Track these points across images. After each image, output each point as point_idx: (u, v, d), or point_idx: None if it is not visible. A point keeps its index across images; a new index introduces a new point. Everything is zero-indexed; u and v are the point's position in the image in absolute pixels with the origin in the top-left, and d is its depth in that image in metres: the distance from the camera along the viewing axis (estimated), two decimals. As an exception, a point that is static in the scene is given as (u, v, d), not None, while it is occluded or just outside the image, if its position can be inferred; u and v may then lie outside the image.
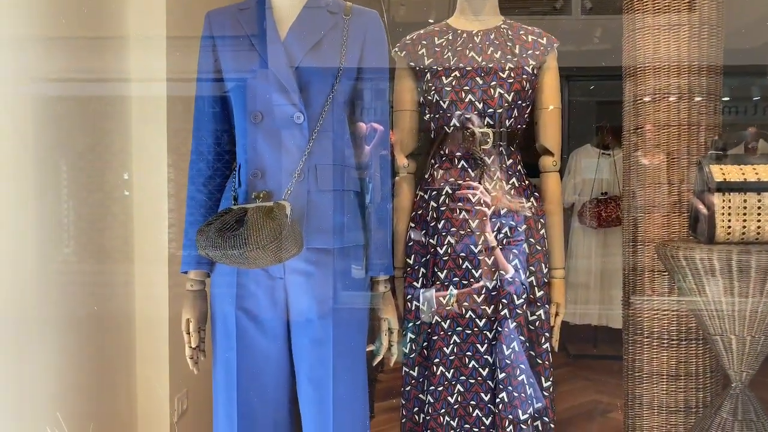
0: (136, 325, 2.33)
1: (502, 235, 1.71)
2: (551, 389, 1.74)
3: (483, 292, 1.72)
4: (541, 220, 1.75)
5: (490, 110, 1.68)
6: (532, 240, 1.72)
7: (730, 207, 1.38)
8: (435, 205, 1.74)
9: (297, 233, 1.40)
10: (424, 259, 1.76)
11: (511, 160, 1.74)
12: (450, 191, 1.73)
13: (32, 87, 1.72)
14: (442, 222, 1.73)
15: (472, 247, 1.71)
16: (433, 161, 1.79)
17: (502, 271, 1.70)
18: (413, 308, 1.76)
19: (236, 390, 1.51)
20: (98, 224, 2.10)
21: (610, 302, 4.90)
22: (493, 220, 1.71)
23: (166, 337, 2.33)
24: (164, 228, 2.33)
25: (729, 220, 1.38)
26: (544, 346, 1.73)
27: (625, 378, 1.83)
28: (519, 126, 1.74)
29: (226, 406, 1.53)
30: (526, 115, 1.75)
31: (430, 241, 1.75)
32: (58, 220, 1.87)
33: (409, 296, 1.77)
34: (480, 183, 1.71)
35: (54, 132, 1.79)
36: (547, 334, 1.73)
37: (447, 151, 1.75)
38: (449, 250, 1.72)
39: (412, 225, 1.79)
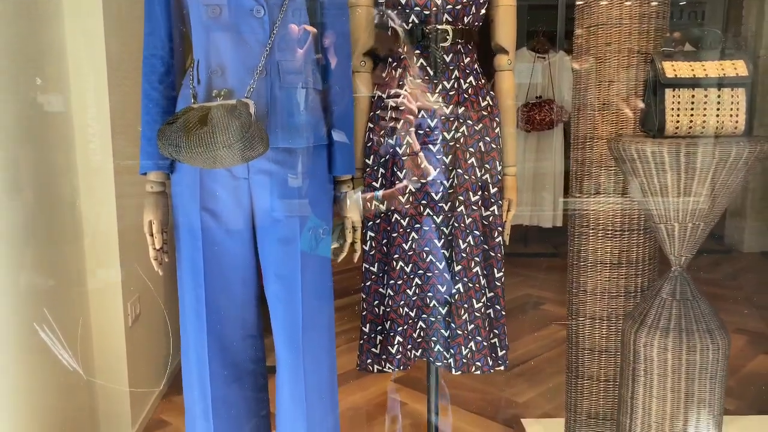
0: (84, 237, 2.28)
1: (459, 134, 1.74)
2: (502, 280, 1.84)
3: (441, 190, 1.77)
4: (497, 119, 1.79)
5: (449, 6, 1.67)
6: (487, 138, 1.77)
7: (679, 102, 1.46)
8: (393, 104, 1.74)
9: (262, 132, 1.38)
10: (383, 159, 1.78)
11: (468, 59, 1.75)
12: (408, 91, 1.73)
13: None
14: (401, 122, 1.74)
15: (431, 146, 1.74)
16: (390, 60, 1.78)
17: (459, 170, 1.75)
18: (372, 207, 1.79)
19: (204, 289, 1.53)
20: (39, 140, 2.01)
21: (541, 204, 5.12)
22: (451, 119, 1.74)
23: (117, 246, 2.30)
24: (107, 136, 2.25)
25: (678, 115, 1.46)
26: (497, 240, 1.81)
27: (570, 267, 1.95)
28: (476, 23, 1.74)
29: (194, 306, 1.55)
30: (482, 12, 1.75)
31: (389, 141, 1.76)
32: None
33: (368, 194, 1.80)
34: (437, 81, 1.72)
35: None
36: (500, 228, 1.81)
37: (405, 50, 1.74)
38: (408, 150, 1.75)
39: (371, 125, 1.80)
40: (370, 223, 1.80)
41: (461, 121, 1.74)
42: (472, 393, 2.78)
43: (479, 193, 1.77)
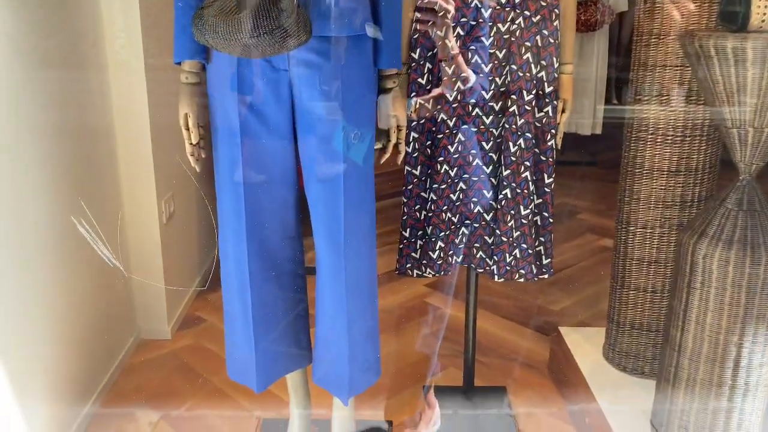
0: (116, 133, 2.21)
1: (515, 26, 1.60)
2: (552, 186, 1.75)
3: (492, 88, 1.65)
4: (556, 10, 1.64)
5: None
6: (545, 32, 1.62)
7: (768, -9, 1.30)
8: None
9: (305, 18, 1.27)
10: (430, 53, 1.66)
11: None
12: (461, -24, 1.58)
13: None
14: (451, 13, 1.60)
15: (483, 39, 1.61)
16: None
17: (512, 66, 1.62)
18: (416, 106, 1.69)
19: (243, 187, 1.46)
20: (67, 31, 1.91)
21: (581, 110, 4.92)
22: (507, 9, 1.59)
23: (149, 143, 2.24)
24: (137, 28, 2.13)
25: (766, 6, 1.31)
26: (549, 144, 1.71)
27: (623, 174, 1.85)
28: None
29: (234, 204, 1.49)
30: None
31: (437, 33, 1.63)
32: (28, 28, 1.67)
33: (413, 94, 1.69)
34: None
35: None
36: (553, 131, 1.70)
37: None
38: (458, 44, 1.62)
39: (417, 15, 1.66)
40: (414, 123, 1.71)
41: (518, 11, 1.59)
42: (506, 300, 2.76)
43: (533, 92, 1.65)
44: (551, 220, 1.77)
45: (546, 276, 1.80)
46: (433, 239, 1.75)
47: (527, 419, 2.02)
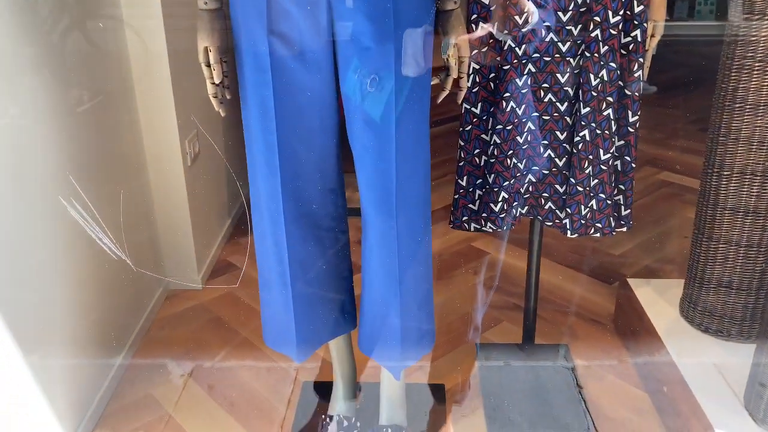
0: (131, 63, 1.97)
1: (602, -70, 1.30)
2: (637, 125, 1.48)
3: (571, 8, 1.36)
4: None
5: None
6: (638, -64, 1.32)
7: None
8: None
9: (350, -77, 1.00)
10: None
11: None
12: None
13: None
14: None
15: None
16: None
17: (597, -20, 1.33)
18: (478, 29, 1.41)
19: (276, 134, 1.23)
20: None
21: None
22: None
23: (168, 76, 2.00)
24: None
25: None
26: (636, 74, 1.43)
27: (717, 109, 1.56)
28: None
29: (265, 155, 1.26)
30: None
31: (506, -60, 1.34)
32: None
33: (474, 16, 1.41)
34: None
35: None
36: (640, 60, 1.42)
37: None
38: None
39: None
40: (475, 51, 1.44)
41: None
42: (556, 240, 2.50)
43: (621, 12, 1.36)
44: (633, 165, 1.52)
45: (625, 229, 1.57)
46: (496, 189, 1.51)
47: (591, 377, 1.83)
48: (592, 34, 1.37)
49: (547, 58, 1.42)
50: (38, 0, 1.49)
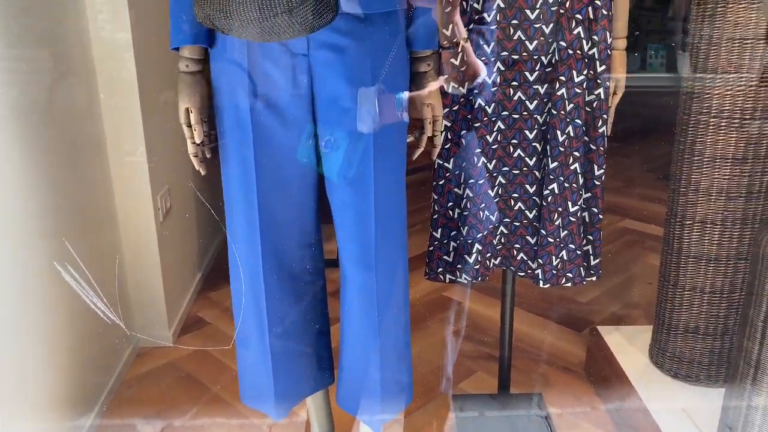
0: (103, 117, 1.98)
1: (565, -4, 1.38)
2: (603, 178, 1.54)
3: (537, 68, 1.43)
4: (610, -24, 1.42)
5: None
6: (598, 2, 1.41)
7: None
8: None
9: (330, -7, 1.05)
10: (467, 28, 1.44)
11: None
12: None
13: None
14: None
15: (528, 12, 1.39)
16: None
17: (562, 42, 1.41)
18: (449, 91, 1.47)
19: (256, 192, 1.26)
20: (46, 7, 1.67)
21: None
22: (556, -24, 1.37)
23: (141, 129, 2.01)
24: (123, 3, 1.89)
25: None
26: (600, 130, 1.50)
27: (677, 162, 1.65)
28: None
29: (245, 211, 1.28)
30: None
31: (474, 5, 1.41)
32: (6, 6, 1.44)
33: (446, 76, 1.47)
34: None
35: None
36: (604, 116, 1.49)
37: None
38: (498, 17, 1.40)
39: (450, -15, 1.44)
40: (446, 109, 1.49)
41: (568, -21, 1.38)
42: (526, 288, 2.54)
43: (584, 72, 1.44)
44: (601, 216, 1.58)
45: (594, 278, 1.61)
46: (470, 241, 1.55)
47: (565, 425, 1.85)
48: (558, 93, 1.44)
49: (516, 116, 1.48)
50: (11, 55, 1.50)
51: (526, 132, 1.49)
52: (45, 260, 1.60)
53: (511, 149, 1.51)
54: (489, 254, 1.58)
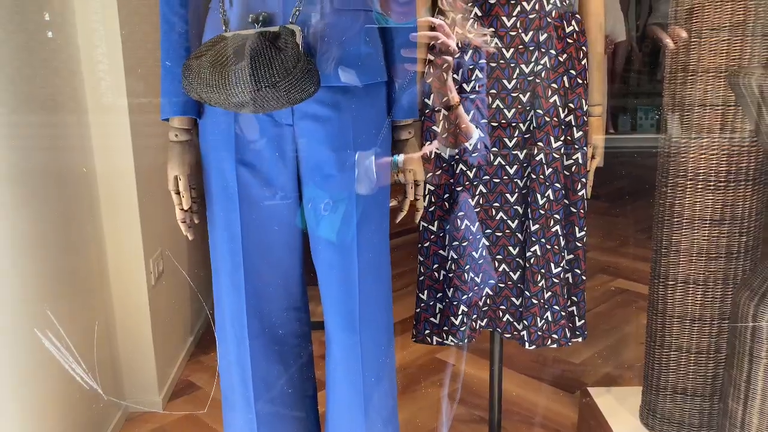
0: (97, 182, 2.03)
1: (540, 67, 1.45)
2: (584, 240, 1.58)
3: (516, 135, 1.49)
4: (583, 48, 1.49)
5: None
6: (573, 72, 1.47)
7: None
8: (460, 31, 1.45)
9: (312, 67, 1.11)
10: (446, 98, 1.50)
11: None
12: (479, 14, 1.43)
13: None
14: (469, 52, 1.45)
15: (505, 82, 1.45)
16: (456, -23, 1.47)
17: (538, 110, 1.47)
18: (432, 156, 1.52)
19: (242, 256, 1.29)
20: (43, 72, 1.74)
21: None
22: (531, 48, 1.44)
23: (135, 195, 2.05)
24: (120, 72, 1.97)
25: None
26: (580, 194, 1.54)
27: (658, 223, 1.68)
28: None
29: (232, 275, 1.31)
30: None
31: (455, 76, 1.47)
32: (4, 71, 1.50)
33: (428, 142, 1.53)
34: (515, 1, 1.42)
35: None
36: (583, 180, 1.54)
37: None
38: (477, 87, 1.46)
39: (431, 57, 1.50)
40: (429, 174, 1.54)
41: (543, 50, 1.44)
42: (517, 349, 2.54)
43: (561, 138, 1.49)
44: (584, 278, 1.60)
45: (580, 339, 1.62)
46: (455, 303, 1.57)
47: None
48: (537, 158, 1.48)
49: (497, 180, 1.52)
50: (10, 121, 1.55)
51: (507, 195, 1.53)
52: (34, 325, 1.61)
53: (493, 212, 1.55)
54: (475, 316, 1.60)
